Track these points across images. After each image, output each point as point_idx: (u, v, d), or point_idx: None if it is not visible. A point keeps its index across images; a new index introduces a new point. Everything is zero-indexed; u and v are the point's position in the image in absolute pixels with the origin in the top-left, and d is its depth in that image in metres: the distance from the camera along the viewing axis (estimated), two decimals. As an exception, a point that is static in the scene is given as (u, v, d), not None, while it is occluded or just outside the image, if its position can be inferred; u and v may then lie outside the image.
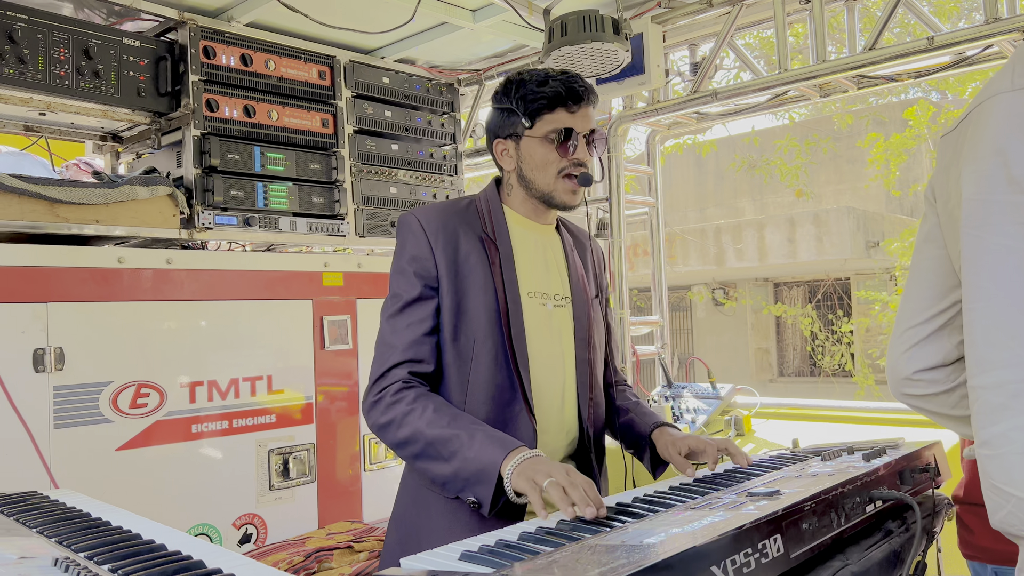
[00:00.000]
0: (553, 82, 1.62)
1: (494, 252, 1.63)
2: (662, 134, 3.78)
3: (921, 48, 2.57)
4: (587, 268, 1.81)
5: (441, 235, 1.62)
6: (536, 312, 1.65)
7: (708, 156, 11.56)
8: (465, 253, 1.62)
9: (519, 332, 1.60)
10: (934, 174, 1.28)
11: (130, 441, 2.43)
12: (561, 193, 1.65)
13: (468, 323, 1.59)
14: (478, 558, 1.01)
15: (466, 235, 1.63)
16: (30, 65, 2.35)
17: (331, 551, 2.44)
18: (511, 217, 1.71)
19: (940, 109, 8.90)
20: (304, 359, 2.89)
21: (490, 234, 1.65)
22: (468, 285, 1.60)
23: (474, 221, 1.67)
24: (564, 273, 1.74)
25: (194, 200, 2.64)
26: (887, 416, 2.77)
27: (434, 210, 1.67)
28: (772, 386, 13.33)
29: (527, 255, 1.69)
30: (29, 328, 2.25)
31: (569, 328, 1.70)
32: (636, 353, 3.59)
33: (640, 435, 1.75)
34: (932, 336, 1.26)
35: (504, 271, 1.62)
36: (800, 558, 1.11)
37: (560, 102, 1.62)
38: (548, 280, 1.70)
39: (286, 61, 2.91)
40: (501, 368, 1.59)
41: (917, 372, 1.27)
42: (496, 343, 1.59)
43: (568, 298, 1.72)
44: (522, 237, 1.70)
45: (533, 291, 1.66)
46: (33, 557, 1.03)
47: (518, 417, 1.59)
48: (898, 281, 9.97)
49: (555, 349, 1.66)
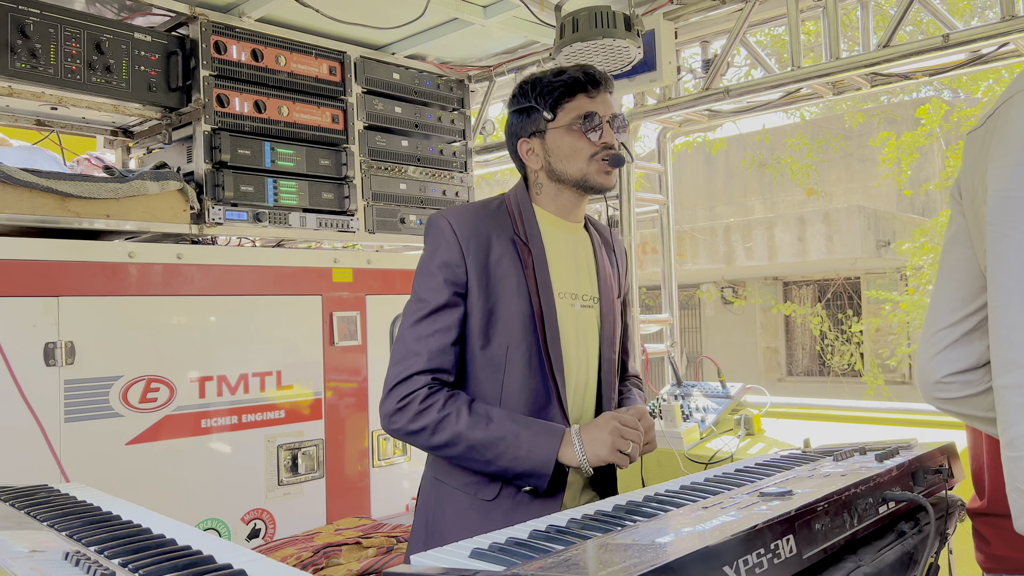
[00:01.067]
0: (569, 71, 1.64)
1: (527, 254, 1.62)
2: (673, 131, 3.76)
3: (936, 46, 2.55)
4: (612, 267, 1.80)
5: (473, 240, 1.59)
6: (568, 313, 1.64)
7: (718, 154, 11.52)
8: (497, 257, 1.60)
9: (554, 335, 1.59)
10: (960, 171, 1.27)
11: (140, 435, 2.44)
12: (595, 175, 1.64)
13: (501, 329, 1.58)
14: (488, 555, 1.00)
15: (498, 238, 1.61)
16: (42, 60, 2.35)
17: (339, 547, 2.44)
18: (541, 217, 1.69)
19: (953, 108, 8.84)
20: (313, 355, 2.89)
21: (522, 236, 1.63)
22: (501, 290, 1.59)
23: (505, 222, 1.65)
24: (593, 273, 1.73)
25: (204, 195, 2.64)
26: (899, 416, 2.75)
27: (466, 213, 1.63)
28: (781, 385, 13.29)
29: (558, 255, 1.67)
30: (40, 322, 2.26)
31: (595, 329, 1.69)
32: (646, 351, 3.58)
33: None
34: (963, 339, 1.24)
35: (538, 273, 1.61)
36: (812, 559, 1.10)
37: (579, 88, 1.62)
38: (578, 280, 1.69)
39: (297, 57, 2.91)
40: (535, 373, 1.58)
41: (948, 376, 1.25)
42: (531, 347, 1.58)
43: (596, 298, 1.71)
44: (553, 237, 1.68)
45: (563, 292, 1.65)
46: (44, 551, 1.03)
47: (553, 421, 1.59)
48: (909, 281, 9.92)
49: (582, 350, 1.66)
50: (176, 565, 0.98)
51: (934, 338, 1.27)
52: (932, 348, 1.27)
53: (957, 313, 1.25)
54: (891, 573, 1.27)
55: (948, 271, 1.28)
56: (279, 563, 1.02)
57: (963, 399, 1.26)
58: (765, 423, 2.92)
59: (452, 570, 0.95)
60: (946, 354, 1.25)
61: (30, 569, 0.94)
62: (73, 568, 0.96)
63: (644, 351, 3.55)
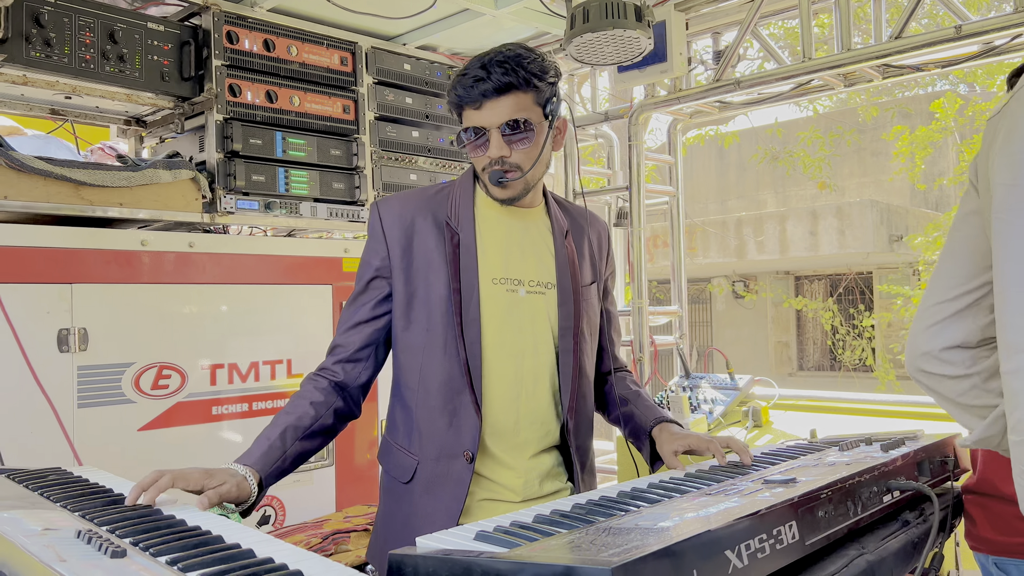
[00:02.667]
0: (459, 84, 1.56)
1: (453, 239, 1.61)
2: (684, 123, 3.76)
3: (948, 37, 2.54)
4: (583, 253, 1.73)
5: (397, 225, 1.62)
6: (500, 299, 1.60)
7: (730, 147, 11.48)
8: (422, 241, 1.61)
9: (472, 321, 1.57)
10: (978, 154, 1.27)
11: (152, 421, 2.46)
12: (489, 187, 1.60)
13: (419, 312, 1.59)
14: (492, 538, 1.02)
15: (425, 221, 1.62)
16: (56, 49, 2.37)
17: (348, 533, 2.47)
18: (486, 202, 1.66)
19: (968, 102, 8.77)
20: (323, 344, 2.87)
21: (452, 220, 1.62)
22: (422, 274, 1.60)
23: (441, 207, 1.64)
24: (549, 258, 1.67)
25: (216, 184, 2.66)
26: (907, 409, 2.75)
27: (397, 198, 1.67)
28: (791, 380, 13.24)
29: (496, 240, 1.64)
30: (54, 308, 2.29)
31: (548, 315, 1.64)
32: (654, 343, 3.59)
33: (640, 428, 1.72)
34: (959, 314, 1.25)
35: (462, 258, 1.59)
36: (815, 545, 1.11)
37: (465, 103, 1.56)
38: (523, 265, 1.64)
39: (308, 47, 2.92)
40: (451, 358, 1.57)
41: (940, 350, 1.25)
42: (447, 332, 1.58)
43: (552, 284, 1.66)
44: (494, 222, 1.65)
45: (499, 277, 1.62)
46: (57, 529, 1.05)
47: (464, 409, 1.57)
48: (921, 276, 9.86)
49: (523, 337, 1.61)
50: (186, 544, 1.00)
51: (930, 310, 1.28)
52: (927, 320, 1.28)
53: (958, 288, 1.25)
54: (895, 561, 1.27)
55: (955, 247, 1.28)
56: (287, 543, 1.03)
57: (943, 378, 1.27)
58: (773, 415, 2.92)
59: (455, 551, 0.96)
60: (940, 327, 1.26)
61: (43, 546, 0.96)
62: (85, 545, 0.98)
63: (653, 343, 3.56)
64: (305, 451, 1.54)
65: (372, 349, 1.65)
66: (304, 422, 1.53)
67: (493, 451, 1.59)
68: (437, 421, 1.58)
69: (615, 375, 1.82)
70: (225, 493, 1.34)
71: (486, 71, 1.53)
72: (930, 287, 1.31)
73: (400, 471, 1.63)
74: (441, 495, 1.57)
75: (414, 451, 1.61)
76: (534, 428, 1.62)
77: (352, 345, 1.63)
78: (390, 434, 1.68)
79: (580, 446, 1.68)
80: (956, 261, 1.28)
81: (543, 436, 1.63)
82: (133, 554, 0.96)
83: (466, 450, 1.56)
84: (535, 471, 1.62)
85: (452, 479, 1.56)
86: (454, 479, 1.56)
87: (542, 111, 1.58)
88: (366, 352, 1.64)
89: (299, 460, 1.53)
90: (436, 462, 1.58)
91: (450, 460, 1.57)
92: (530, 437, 1.62)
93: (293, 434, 1.51)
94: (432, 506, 1.57)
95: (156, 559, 0.95)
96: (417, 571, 0.96)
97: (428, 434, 1.59)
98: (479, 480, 1.59)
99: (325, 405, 1.57)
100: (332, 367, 1.63)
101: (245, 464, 1.43)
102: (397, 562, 0.97)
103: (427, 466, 1.59)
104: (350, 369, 1.63)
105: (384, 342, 1.67)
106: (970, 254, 1.26)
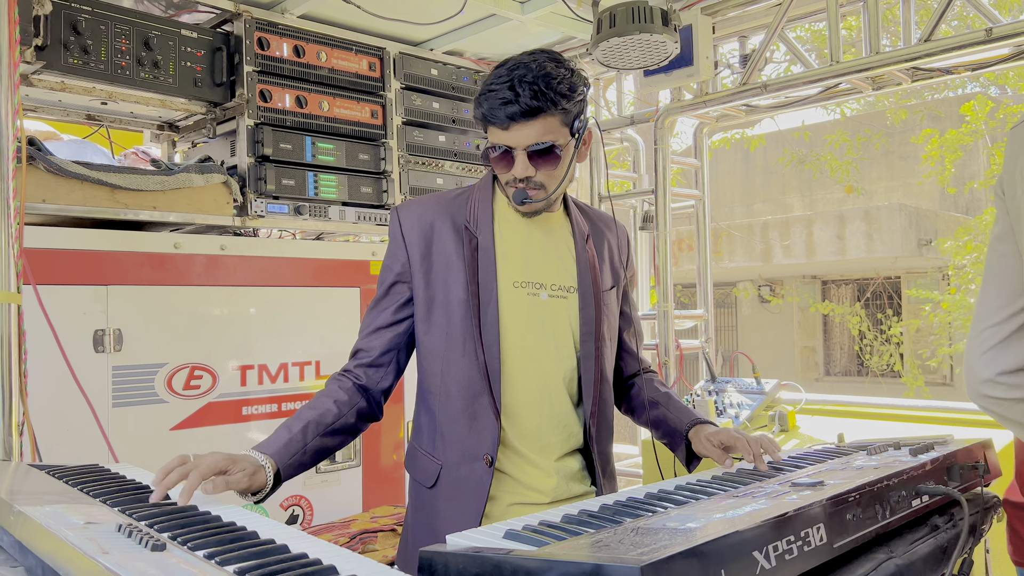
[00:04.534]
0: (485, 101, 1.54)
1: (472, 242, 1.61)
2: (710, 127, 3.75)
3: (979, 40, 2.52)
4: (603, 257, 1.73)
5: (416, 230, 1.62)
6: (521, 303, 1.61)
7: (756, 151, 11.41)
8: (441, 245, 1.61)
9: (490, 324, 1.57)
10: (1003, 168, 1.26)
11: (184, 421, 2.51)
12: (514, 202, 1.59)
13: (439, 316, 1.60)
14: (521, 536, 1.03)
15: (444, 225, 1.62)
16: (93, 55, 2.43)
17: (375, 533, 2.49)
18: (505, 205, 1.66)
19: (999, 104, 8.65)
20: (350, 346, 2.93)
21: (472, 224, 1.62)
22: (441, 278, 1.60)
23: (460, 211, 1.64)
24: (571, 262, 1.67)
25: (247, 188, 2.71)
26: (936, 415, 2.72)
27: (416, 203, 1.67)
28: (818, 385, 13.12)
29: (517, 244, 1.64)
30: (90, 310, 2.34)
31: (569, 320, 1.64)
32: (680, 347, 3.58)
33: (675, 431, 1.73)
34: (1011, 337, 1.23)
35: (481, 261, 1.59)
36: (843, 548, 1.11)
37: (491, 121, 1.54)
38: (545, 269, 1.64)
39: (337, 53, 2.96)
40: (470, 361, 1.57)
41: (999, 375, 1.24)
42: (466, 335, 1.57)
43: (573, 288, 1.65)
44: (515, 225, 1.65)
45: (520, 281, 1.62)
46: (98, 523, 1.08)
47: (484, 412, 1.57)
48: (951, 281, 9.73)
49: (544, 341, 1.62)
50: (223, 539, 1.02)
51: (981, 336, 1.26)
52: (980, 346, 1.26)
53: (1004, 311, 1.23)
54: (923, 566, 1.27)
55: (994, 268, 1.27)
56: (320, 540, 1.05)
57: (1009, 402, 1.25)
58: (800, 420, 2.90)
59: (484, 548, 0.98)
60: (994, 352, 1.24)
61: (86, 539, 0.99)
62: (126, 539, 1.00)
63: (679, 347, 3.55)
64: (325, 447, 1.55)
65: (394, 354, 1.66)
66: (326, 419, 1.55)
67: (521, 452, 1.60)
68: (458, 425, 1.59)
69: (642, 377, 1.82)
70: (235, 483, 1.37)
71: (515, 93, 1.50)
72: (978, 311, 1.29)
73: (425, 476, 1.63)
74: (463, 499, 1.57)
75: (437, 456, 1.61)
76: (557, 431, 1.62)
77: (374, 350, 1.64)
78: (415, 439, 1.69)
79: (602, 451, 1.68)
80: (998, 282, 1.27)
81: (566, 439, 1.64)
82: (172, 548, 0.98)
83: (486, 453, 1.56)
84: (563, 471, 1.63)
85: (472, 483, 1.57)
86: (474, 483, 1.57)
87: (569, 130, 1.57)
88: (387, 358, 1.65)
89: (319, 456, 1.55)
90: (458, 467, 1.58)
91: (471, 464, 1.57)
92: (553, 440, 1.62)
93: (315, 429, 1.53)
94: (454, 510, 1.57)
95: (194, 552, 0.97)
96: (448, 568, 0.97)
97: (451, 438, 1.59)
98: (508, 482, 1.59)
99: (348, 404, 1.59)
100: (355, 370, 1.64)
101: (264, 453, 1.45)
102: (428, 560, 0.98)
103: (450, 471, 1.59)
104: (372, 374, 1.64)
105: (406, 347, 1.68)
106: (1011, 273, 1.24)
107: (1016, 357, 1.23)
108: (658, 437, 1.79)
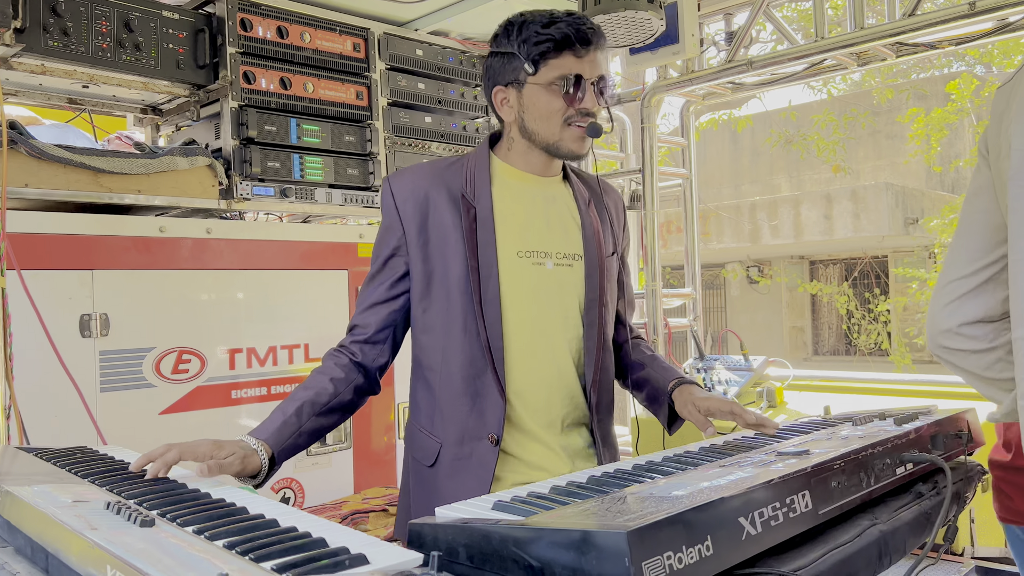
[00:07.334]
0: (559, 23, 1.48)
1: (469, 212, 1.54)
2: (697, 105, 3.75)
3: (962, 13, 2.53)
4: (604, 222, 1.67)
5: (411, 201, 1.56)
6: (527, 273, 1.55)
7: (743, 131, 11.42)
8: (438, 217, 1.54)
9: (492, 300, 1.51)
10: (987, 127, 1.27)
11: (172, 405, 2.50)
12: (568, 142, 1.53)
13: (438, 291, 1.55)
14: (510, 507, 1.04)
15: (440, 195, 1.55)
16: (73, 37, 2.40)
17: (367, 514, 2.50)
18: (506, 172, 1.60)
19: (984, 82, 8.68)
20: (339, 328, 2.92)
21: (469, 194, 1.55)
22: (439, 251, 1.54)
23: (455, 180, 1.57)
24: (577, 228, 1.62)
25: (232, 171, 2.69)
26: (921, 388, 2.75)
27: (409, 172, 1.60)
28: (806, 364, 13.20)
29: (519, 212, 1.58)
30: (76, 294, 2.33)
31: (576, 288, 1.59)
32: (668, 326, 3.60)
33: (658, 390, 1.68)
34: (977, 289, 1.25)
35: (480, 232, 1.52)
36: (828, 515, 1.13)
37: (567, 45, 1.48)
38: (549, 237, 1.58)
39: (321, 33, 2.94)
40: (471, 338, 1.52)
41: (960, 326, 1.26)
42: (466, 312, 1.52)
43: (580, 256, 1.60)
44: (517, 192, 1.59)
45: (525, 251, 1.56)
46: (86, 501, 1.08)
47: (488, 390, 1.53)
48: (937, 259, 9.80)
49: (551, 312, 1.57)
50: (213, 515, 1.02)
51: (948, 287, 1.28)
52: (944, 297, 1.28)
53: (974, 264, 1.25)
54: (908, 532, 1.28)
55: (968, 223, 1.28)
56: (310, 514, 1.06)
57: (967, 353, 1.27)
58: (788, 396, 2.93)
59: (473, 519, 0.98)
60: (960, 303, 1.26)
61: (74, 516, 0.99)
62: (115, 516, 1.00)
63: (667, 325, 3.57)
64: (321, 427, 1.53)
65: (390, 331, 1.61)
66: (322, 398, 1.53)
67: (527, 429, 1.56)
68: (459, 403, 1.54)
69: (631, 342, 1.79)
70: (227, 466, 1.34)
71: (582, 20, 1.49)
72: (946, 265, 1.31)
73: (424, 454, 1.59)
74: (466, 478, 1.53)
75: (436, 434, 1.57)
76: (564, 403, 1.59)
77: (370, 327, 1.60)
78: (413, 416, 1.65)
79: (602, 420, 1.64)
80: (971, 236, 1.28)
81: (572, 410, 1.60)
82: (161, 524, 0.98)
83: (491, 433, 1.52)
84: (569, 448, 1.59)
85: (476, 462, 1.53)
86: (478, 462, 1.53)
87: None
88: (384, 335, 1.61)
89: (315, 436, 1.53)
90: (459, 445, 1.54)
91: (474, 443, 1.53)
92: (562, 413, 1.59)
93: (310, 410, 1.50)
94: (457, 489, 1.52)
95: (183, 528, 0.97)
96: (436, 540, 0.98)
97: (451, 416, 1.55)
98: (512, 462, 1.56)
99: (345, 382, 1.56)
100: (351, 346, 1.61)
101: (258, 438, 1.43)
102: (417, 531, 0.99)
103: (450, 449, 1.55)
104: (368, 351, 1.61)
105: (403, 323, 1.63)
106: (984, 228, 1.26)
107: (978, 309, 1.25)
108: (642, 401, 1.75)
